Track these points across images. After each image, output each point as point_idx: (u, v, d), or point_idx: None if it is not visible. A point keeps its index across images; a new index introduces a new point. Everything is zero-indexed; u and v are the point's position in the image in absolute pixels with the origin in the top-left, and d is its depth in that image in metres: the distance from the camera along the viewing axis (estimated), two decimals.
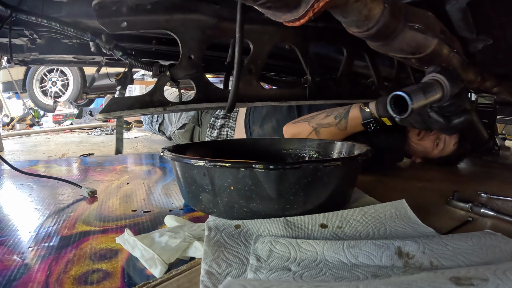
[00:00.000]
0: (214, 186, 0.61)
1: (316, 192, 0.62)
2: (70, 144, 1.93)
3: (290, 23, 0.44)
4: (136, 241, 0.52)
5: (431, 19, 0.62)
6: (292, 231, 0.56)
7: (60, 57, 1.26)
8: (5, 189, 0.91)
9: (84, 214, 0.70)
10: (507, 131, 2.69)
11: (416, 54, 0.63)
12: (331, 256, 0.48)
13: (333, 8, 0.46)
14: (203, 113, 1.49)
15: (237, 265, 0.46)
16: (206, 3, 0.57)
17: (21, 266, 0.48)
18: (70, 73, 4.17)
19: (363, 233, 0.57)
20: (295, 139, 0.99)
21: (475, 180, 1.11)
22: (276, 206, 0.60)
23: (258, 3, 0.41)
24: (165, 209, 0.74)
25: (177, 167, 0.68)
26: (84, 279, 0.45)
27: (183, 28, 0.55)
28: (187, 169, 0.65)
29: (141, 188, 0.91)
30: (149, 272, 0.46)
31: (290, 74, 1.77)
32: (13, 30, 0.92)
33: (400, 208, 0.66)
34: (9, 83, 4.19)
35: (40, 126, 3.11)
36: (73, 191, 0.87)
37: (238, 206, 0.61)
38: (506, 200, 0.82)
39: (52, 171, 1.15)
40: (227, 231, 0.55)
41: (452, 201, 0.77)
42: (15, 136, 2.35)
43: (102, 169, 1.17)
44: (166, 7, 0.54)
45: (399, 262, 0.46)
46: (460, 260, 0.46)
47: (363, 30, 0.53)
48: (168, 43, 1.21)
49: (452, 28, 0.74)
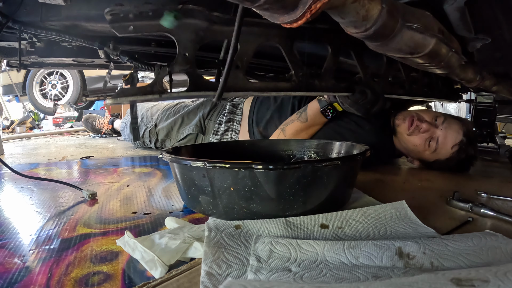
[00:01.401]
0: (213, 187, 0.61)
1: (316, 192, 0.62)
2: (70, 146, 1.93)
3: (287, 24, 0.44)
4: (136, 243, 0.52)
5: (429, 19, 0.62)
6: (292, 231, 0.56)
7: (60, 60, 1.26)
8: (5, 192, 0.91)
9: (85, 216, 0.70)
10: (507, 129, 2.69)
11: (415, 54, 0.63)
12: (331, 257, 0.48)
13: (330, 9, 0.46)
14: (206, 120, 1.49)
15: (237, 265, 0.46)
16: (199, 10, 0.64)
17: (22, 269, 0.48)
18: (70, 76, 4.17)
19: (363, 233, 0.57)
20: (294, 140, 1.00)
21: (475, 180, 1.10)
22: (276, 206, 0.60)
23: (256, 4, 0.41)
24: (165, 211, 0.74)
25: (176, 169, 0.68)
26: (85, 281, 0.45)
27: (179, 30, 0.64)
28: (186, 171, 0.65)
29: (141, 190, 0.91)
30: (150, 274, 0.46)
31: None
32: (11, 34, 0.92)
33: (400, 209, 0.66)
34: (9, 86, 4.20)
35: (40, 129, 3.12)
36: (73, 193, 0.87)
37: (238, 207, 0.61)
38: (506, 200, 0.82)
39: (53, 174, 1.15)
40: (227, 232, 0.55)
41: (452, 201, 0.77)
42: (15, 139, 2.35)
43: (103, 171, 1.17)
44: None
45: (400, 263, 0.46)
46: (460, 261, 0.46)
47: (361, 31, 0.53)
48: (167, 45, 1.21)
49: (450, 27, 0.74)
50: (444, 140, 1.10)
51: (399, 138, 1.19)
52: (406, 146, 1.18)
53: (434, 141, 1.11)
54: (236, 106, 1.49)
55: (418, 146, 1.14)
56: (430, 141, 1.11)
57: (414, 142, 1.14)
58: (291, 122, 1.17)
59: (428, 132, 1.11)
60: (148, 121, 1.61)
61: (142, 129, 1.62)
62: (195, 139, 1.51)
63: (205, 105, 1.53)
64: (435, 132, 1.11)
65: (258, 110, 1.39)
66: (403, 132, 1.16)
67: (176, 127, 1.53)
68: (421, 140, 1.12)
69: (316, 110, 1.12)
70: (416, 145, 1.14)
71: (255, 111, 1.39)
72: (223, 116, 1.47)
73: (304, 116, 1.14)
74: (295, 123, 1.15)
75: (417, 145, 1.14)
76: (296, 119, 1.16)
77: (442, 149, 1.11)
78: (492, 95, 1.60)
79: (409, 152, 1.20)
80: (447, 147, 1.10)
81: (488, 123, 1.60)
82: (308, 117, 1.13)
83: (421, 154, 1.16)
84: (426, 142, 1.12)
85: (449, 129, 1.11)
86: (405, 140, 1.16)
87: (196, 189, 0.64)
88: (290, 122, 1.17)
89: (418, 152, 1.16)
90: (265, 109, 1.37)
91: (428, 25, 0.61)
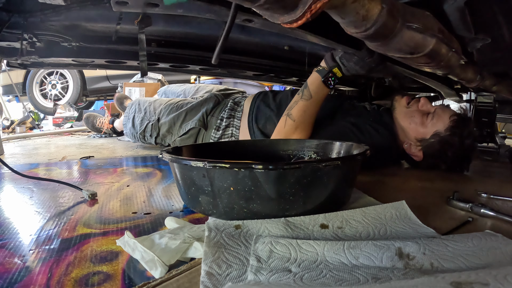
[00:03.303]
0: (213, 187, 0.61)
1: (316, 192, 0.62)
2: (70, 146, 1.93)
3: (288, 24, 0.44)
4: (136, 243, 0.52)
5: (429, 19, 0.62)
6: (293, 231, 0.56)
7: (60, 60, 1.26)
8: (5, 192, 0.91)
9: (85, 216, 0.70)
10: (507, 129, 2.69)
11: (415, 53, 0.64)
12: (331, 257, 0.48)
13: (330, 9, 0.46)
14: (209, 116, 1.50)
15: (237, 266, 0.46)
16: None
17: (22, 269, 0.48)
18: (70, 76, 4.18)
19: (363, 233, 0.57)
20: (294, 140, 1.00)
21: (475, 180, 1.10)
22: (276, 206, 0.60)
23: (256, 4, 0.41)
24: (165, 211, 0.74)
25: (176, 169, 0.68)
26: (85, 282, 0.45)
27: None
28: (186, 171, 0.65)
29: (142, 190, 0.91)
30: (150, 274, 0.46)
31: (290, 74, 1.78)
32: (12, 34, 0.93)
33: (400, 209, 0.66)
34: (9, 86, 4.20)
35: (40, 129, 3.12)
36: (73, 193, 0.87)
37: (238, 207, 0.61)
38: (506, 200, 0.82)
39: (53, 174, 1.15)
40: (227, 232, 0.55)
41: (452, 201, 0.77)
42: (15, 139, 2.35)
43: (103, 171, 1.17)
44: None
45: (400, 263, 0.46)
46: (460, 262, 0.45)
47: (361, 31, 0.54)
48: (167, 45, 1.21)
49: (450, 27, 0.74)
50: (441, 112, 1.12)
51: (397, 114, 1.18)
52: (404, 123, 1.16)
53: (431, 115, 1.12)
54: (237, 103, 1.51)
55: (416, 116, 1.13)
56: (428, 114, 1.12)
57: (413, 113, 1.14)
58: (295, 105, 1.13)
59: (426, 106, 1.13)
60: (151, 115, 1.61)
61: (145, 123, 1.62)
62: (197, 134, 1.52)
63: (208, 101, 1.54)
64: (432, 109, 1.13)
65: (258, 108, 1.40)
66: (402, 105, 1.17)
67: (178, 122, 1.54)
68: (419, 113, 1.13)
69: (318, 82, 1.09)
70: (414, 116, 1.13)
71: (254, 108, 1.41)
72: (224, 112, 1.49)
73: (307, 93, 1.10)
74: (300, 103, 1.11)
75: (416, 116, 1.13)
76: (300, 99, 1.12)
77: (439, 120, 1.10)
78: (492, 95, 1.60)
79: (407, 131, 1.17)
80: (444, 118, 1.10)
81: (488, 123, 1.60)
82: (312, 93, 1.10)
83: (419, 128, 1.13)
84: (424, 116, 1.12)
85: (445, 107, 1.15)
86: (403, 114, 1.16)
87: (196, 189, 0.64)
88: (294, 104, 1.13)
89: (416, 127, 1.14)
90: (264, 107, 1.38)
91: (428, 25, 0.61)
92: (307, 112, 1.11)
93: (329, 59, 1.08)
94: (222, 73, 1.72)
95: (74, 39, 1.06)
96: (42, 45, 1.07)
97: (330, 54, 1.09)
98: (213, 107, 1.51)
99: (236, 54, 1.40)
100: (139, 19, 0.75)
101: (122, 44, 1.18)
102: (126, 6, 0.67)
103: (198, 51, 1.33)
